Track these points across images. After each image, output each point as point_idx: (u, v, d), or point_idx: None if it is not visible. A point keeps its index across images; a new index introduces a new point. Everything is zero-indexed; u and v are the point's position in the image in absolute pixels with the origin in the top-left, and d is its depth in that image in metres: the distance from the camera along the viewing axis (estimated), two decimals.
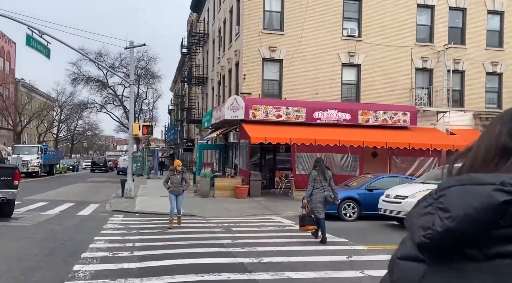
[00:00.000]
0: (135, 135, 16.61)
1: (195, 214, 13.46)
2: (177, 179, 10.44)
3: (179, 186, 10.48)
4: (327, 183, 8.59)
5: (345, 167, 18.95)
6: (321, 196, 8.57)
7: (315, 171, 8.85)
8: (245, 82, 20.15)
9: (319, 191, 8.61)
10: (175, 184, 10.43)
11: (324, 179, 8.58)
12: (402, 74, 21.73)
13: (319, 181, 8.59)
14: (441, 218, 0.60)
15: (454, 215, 0.59)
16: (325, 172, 8.72)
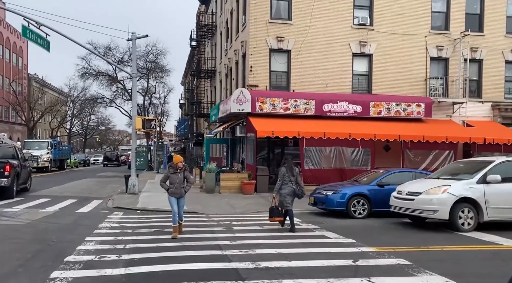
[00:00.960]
0: (138, 129, 16.14)
1: (197, 211, 12.96)
2: (179, 178, 8.73)
3: (180, 186, 8.79)
4: (294, 178, 9.68)
5: (355, 161, 18.22)
6: (290, 190, 9.64)
7: (283, 168, 9.85)
8: (252, 74, 19.51)
9: (287, 186, 9.67)
10: (176, 185, 8.75)
11: (292, 175, 9.69)
12: (416, 64, 20.83)
13: (287, 176, 9.67)
14: None
15: None
16: (293, 168, 9.81)
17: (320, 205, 12.18)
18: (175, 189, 8.81)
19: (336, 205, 11.75)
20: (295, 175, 9.69)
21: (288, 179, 9.65)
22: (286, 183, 9.66)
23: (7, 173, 14.10)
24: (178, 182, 8.78)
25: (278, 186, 9.72)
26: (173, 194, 8.84)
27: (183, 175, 8.84)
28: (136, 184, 16.64)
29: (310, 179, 17.56)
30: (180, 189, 8.82)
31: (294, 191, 9.66)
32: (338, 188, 12.14)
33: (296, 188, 9.66)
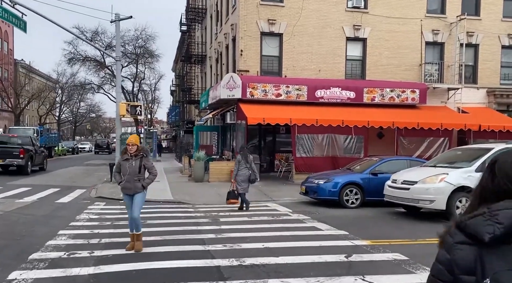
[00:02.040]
0: (122, 115, 15.45)
1: (184, 201, 12.42)
2: (132, 167, 6.33)
3: (133, 179, 6.32)
4: (249, 165, 10.60)
5: (348, 149, 17.74)
6: (245, 176, 10.54)
7: (239, 155, 10.88)
8: (242, 58, 18.81)
9: (242, 172, 10.56)
10: (128, 177, 6.33)
11: (246, 162, 10.60)
12: (411, 49, 20.25)
13: (243, 163, 10.59)
14: (499, 228, 1.19)
15: (505, 225, 1.19)
16: (248, 156, 10.75)
17: (311, 194, 11.69)
18: (126, 183, 6.39)
19: (328, 194, 11.27)
20: (249, 162, 10.63)
21: (243, 166, 10.58)
22: (241, 169, 10.58)
23: (22, 156, 18.69)
24: (130, 173, 6.33)
25: (236, 172, 10.63)
26: (124, 189, 6.53)
27: (139, 163, 6.38)
28: None
29: (302, 167, 17.07)
30: (133, 182, 6.35)
31: (249, 177, 10.56)
32: (330, 177, 11.65)
33: (250, 173, 10.56)
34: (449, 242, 1.29)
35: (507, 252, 1.19)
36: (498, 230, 1.19)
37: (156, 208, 11.01)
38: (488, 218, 1.22)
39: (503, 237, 1.19)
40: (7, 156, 18.61)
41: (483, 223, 1.22)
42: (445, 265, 1.28)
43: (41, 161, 22.05)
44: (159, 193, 13.79)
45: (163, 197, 13.00)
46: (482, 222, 1.22)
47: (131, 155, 6.43)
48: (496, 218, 1.21)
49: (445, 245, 1.30)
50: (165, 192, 14.11)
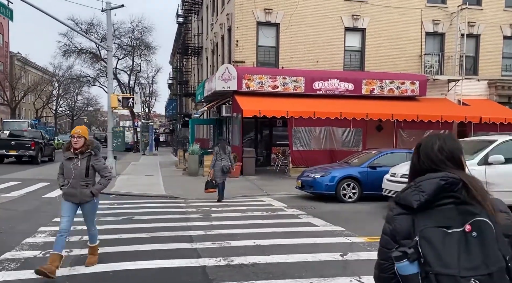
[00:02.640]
0: (113, 107, 15.01)
1: (176, 195, 12.04)
2: (77, 168, 4.88)
3: (80, 184, 4.89)
4: (226, 156, 10.95)
5: (346, 142, 17.34)
6: (222, 166, 10.85)
7: (217, 147, 11.23)
8: (238, 49, 18.33)
9: (220, 162, 10.84)
10: (72, 181, 4.88)
11: (224, 153, 10.95)
12: (410, 40, 19.79)
13: (220, 154, 10.89)
14: (423, 195, 1.51)
15: (427, 193, 1.51)
16: (225, 148, 11.12)
17: (307, 188, 11.31)
18: (71, 188, 4.90)
19: (325, 188, 10.88)
20: (227, 153, 11.03)
21: (220, 157, 10.88)
22: (219, 160, 10.88)
23: (33, 147, 20.84)
24: (76, 176, 4.86)
25: (213, 163, 10.97)
26: (67, 196, 4.97)
27: (85, 163, 4.91)
28: (114, 166, 15.62)
29: (298, 161, 16.69)
30: (80, 188, 4.89)
31: (223, 167, 10.89)
32: (327, 171, 11.26)
33: (226, 164, 10.90)
34: (390, 215, 1.59)
35: (431, 213, 1.49)
36: (422, 197, 1.50)
37: (146, 203, 10.63)
38: (414, 189, 1.54)
39: (427, 202, 1.50)
40: (20, 148, 20.81)
41: (411, 194, 1.53)
42: (389, 235, 1.57)
43: (50, 152, 24.48)
44: (151, 188, 13.42)
45: (155, 192, 12.61)
46: (410, 193, 1.54)
47: (75, 153, 4.89)
48: (420, 188, 1.53)
49: (388, 218, 1.60)
50: (158, 186, 13.73)
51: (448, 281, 1.40)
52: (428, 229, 1.44)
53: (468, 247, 1.43)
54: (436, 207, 1.49)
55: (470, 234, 1.44)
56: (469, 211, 1.48)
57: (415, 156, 1.68)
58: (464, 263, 1.41)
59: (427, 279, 1.42)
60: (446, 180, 1.51)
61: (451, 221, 1.46)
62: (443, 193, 1.49)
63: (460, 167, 1.61)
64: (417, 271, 1.43)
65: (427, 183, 1.51)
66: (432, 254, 1.41)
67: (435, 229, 1.44)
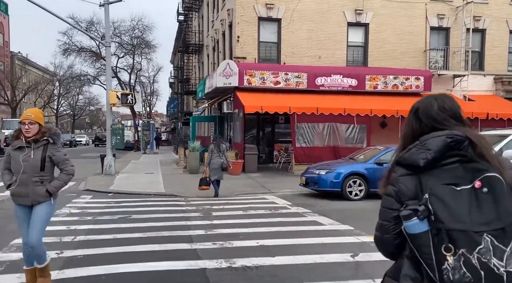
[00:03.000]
0: (112, 104, 14.66)
1: (176, 193, 11.68)
2: (29, 160, 3.88)
3: (32, 180, 3.88)
4: (222, 154, 11.12)
5: (350, 138, 16.96)
6: (218, 163, 10.97)
7: (212, 145, 11.54)
8: (239, 44, 17.96)
9: (215, 160, 10.99)
10: (23, 176, 3.87)
11: (219, 151, 11.12)
12: (415, 34, 19.39)
13: (216, 152, 11.09)
14: (429, 153, 1.50)
15: (434, 150, 1.50)
16: (220, 145, 11.29)
17: (312, 186, 10.94)
18: (19, 186, 3.88)
19: (330, 185, 10.52)
20: (222, 151, 11.20)
21: (216, 154, 11.05)
22: (214, 157, 11.02)
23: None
24: (27, 169, 3.87)
25: (208, 160, 11.12)
26: (16, 197, 3.98)
27: (40, 154, 3.91)
28: (113, 164, 15.28)
29: (301, 158, 16.32)
30: (33, 185, 3.88)
31: (221, 164, 10.99)
32: (332, 167, 10.89)
33: (223, 161, 11.03)
34: (394, 177, 1.59)
35: (438, 173, 1.49)
36: (429, 155, 1.50)
37: (145, 201, 10.28)
38: (420, 147, 1.54)
39: (433, 160, 1.50)
40: None
41: (417, 152, 1.54)
42: (393, 196, 1.57)
43: None
44: (150, 186, 13.07)
45: (154, 190, 12.26)
46: (416, 152, 1.54)
47: (27, 141, 3.87)
48: (426, 146, 1.53)
49: (392, 180, 1.60)
50: (157, 184, 13.38)
51: (460, 236, 1.37)
52: (438, 186, 1.43)
53: (479, 203, 1.41)
54: (441, 166, 1.48)
55: (481, 190, 1.42)
56: (477, 168, 1.46)
57: (414, 121, 1.66)
58: (477, 218, 1.39)
59: (438, 236, 1.39)
60: (452, 137, 1.50)
61: (459, 179, 1.44)
62: (449, 151, 1.48)
63: (463, 124, 1.60)
64: (427, 229, 1.41)
65: (433, 140, 1.50)
66: (444, 210, 1.39)
67: (445, 186, 1.43)
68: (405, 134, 1.69)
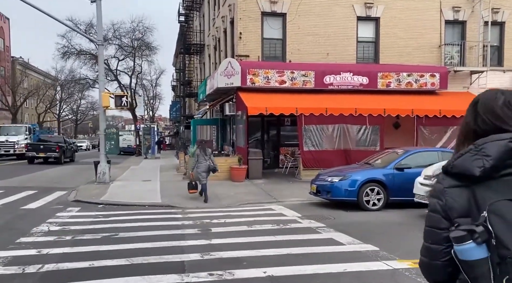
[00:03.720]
0: (105, 106, 13.58)
1: (173, 204, 10.55)
2: None
3: None
4: (208, 157, 11.23)
5: (362, 141, 15.75)
6: (204, 167, 11.05)
7: (198, 149, 11.53)
8: (241, 41, 16.86)
9: (201, 164, 11.08)
10: None
11: (205, 154, 11.24)
12: (429, 29, 18.19)
13: (202, 156, 11.16)
14: (488, 160, 1.18)
15: (493, 157, 1.17)
16: (206, 149, 11.50)
17: (324, 194, 9.77)
18: None
19: (345, 194, 9.34)
20: (208, 155, 11.35)
21: (202, 158, 11.16)
22: (201, 162, 11.12)
23: (57, 151, 25.26)
24: None
25: (194, 164, 11.29)
26: None
27: None
28: (107, 171, 14.19)
29: (310, 162, 15.15)
30: None
31: (208, 167, 11.14)
32: (346, 173, 9.72)
33: (209, 164, 11.19)
34: (440, 188, 1.27)
35: (496, 185, 1.18)
36: (487, 162, 1.19)
37: (137, 214, 9.16)
38: (475, 153, 1.22)
39: (492, 169, 1.19)
40: (48, 151, 25.36)
41: (471, 159, 1.21)
42: (440, 212, 1.25)
43: (71, 154, 28.90)
44: (146, 195, 11.95)
45: (150, 200, 11.13)
46: (470, 158, 1.22)
47: None
48: (484, 151, 1.21)
49: (436, 192, 1.28)
50: (154, 193, 12.25)
51: None
52: (500, 202, 1.14)
53: None
54: (500, 177, 1.18)
55: None
56: None
57: (470, 115, 1.37)
58: None
59: (503, 265, 1.10)
60: None
61: None
62: (510, 159, 1.18)
63: None
64: (486, 256, 1.12)
65: (492, 145, 1.20)
66: (509, 233, 1.10)
67: (508, 202, 1.13)
68: (460, 131, 1.39)
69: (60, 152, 25.64)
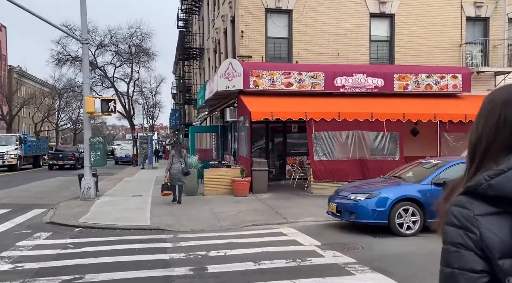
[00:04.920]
0: (89, 112, 11.94)
1: (164, 227, 8.83)
2: None
3: None
4: (182, 159, 11.48)
5: (380, 149, 14.02)
6: (178, 169, 11.31)
7: (173, 151, 11.81)
8: (244, 41, 15.27)
9: (175, 165, 11.32)
10: None
11: (180, 156, 11.46)
12: (448, 26, 16.61)
13: (176, 157, 11.39)
14: None
15: None
16: (181, 151, 11.71)
17: (346, 216, 8.03)
18: None
19: (373, 216, 7.62)
20: (183, 156, 11.50)
21: (177, 160, 11.31)
22: (175, 163, 11.30)
23: (73, 159, 30.40)
24: None
25: (169, 166, 11.41)
26: None
27: None
28: (92, 186, 12.49)
29: (322, 174, 13.44)
30: None
31: (182, 170, 11.32)
32: (373, 190, 8.00)
33: (183, 167, 11.37)
34: (468, 216, 0.95)
35: None
36: None
37: (117, 242, 7.44)
38: None
39: None
40: (65, 159, 30.47)
41: None
42: (472, 249, 0.93)
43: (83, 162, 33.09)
44: (133, 215, 10.22)
45: (137, 221, 9.40)
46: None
47: None
48: None
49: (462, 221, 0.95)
50: (143, 212, 10.51)
51: None
52: None
53: None
54: None
55: None
56: None
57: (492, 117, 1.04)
58: None
59: None
60: None
61: None
62: None
63: None
64: None
65: None
66: None
67: None
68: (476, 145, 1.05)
69: (75, 160, 30.58)
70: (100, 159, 12.46)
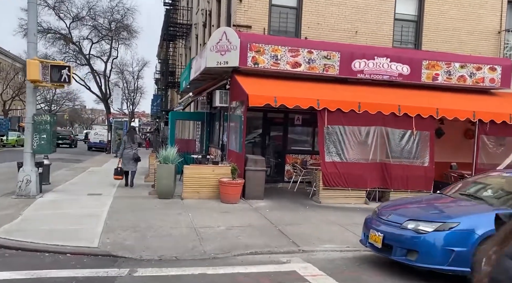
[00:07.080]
0: (32, 80, 8.79)
1: (119, 250, 5.82)
2: None
3: None
4: (136, 145, 11.97)
5: (406, 152, 11.19)
6: (129, 154, 11.68)
7: (126, 136, 12.30)
8: (242, 6, 12.25)
9: (127, 150, 11.69)
10: None
11: (132, 142, 11.85)
12: (486, 8, 13.99)
13: (129, 143, 11.76)
14: None
15: None
16: (134, 137, 12.11)
17: (400, 254, 5.16)
18: None
19: (446, 259, 4.78)
20: (136, 142, 11.96)
21: (129, 145, 11.67)
22: (127, 148, 11.65)
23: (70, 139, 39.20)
24: None
25: (121, 151, 11.75)
26: None
27: None
28: (33, 179, 9.34)
29: (334, 179, 10.58)
30: None
31: (133, 155, 11.64)
32: (445, 217, 5.14)
33: (134, 152, 11.71)
34: None
35: None
36: None
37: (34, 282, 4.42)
38: None
39: None
40: (64, 139, 36.67)
41: None
42: None
43: (76, 143, 39.94)
44: (79, 227, 7.13)
45: (79, 240, 6.31)
46: None
47: None
48: None
49: None
50: (94, 223, 7.43)
51: None
52: None
53: None
54: None
55: None
56: None
57: None
58: None
59: None
60: None
61: None
62: None
63: None
64: None
65: None
66: None
67: None
68: None
69: (70, 140, 38.27)
70: (46, 143, 9.30)
